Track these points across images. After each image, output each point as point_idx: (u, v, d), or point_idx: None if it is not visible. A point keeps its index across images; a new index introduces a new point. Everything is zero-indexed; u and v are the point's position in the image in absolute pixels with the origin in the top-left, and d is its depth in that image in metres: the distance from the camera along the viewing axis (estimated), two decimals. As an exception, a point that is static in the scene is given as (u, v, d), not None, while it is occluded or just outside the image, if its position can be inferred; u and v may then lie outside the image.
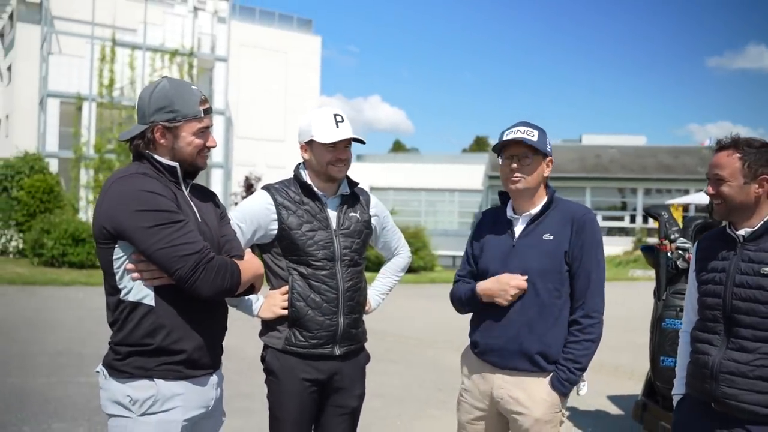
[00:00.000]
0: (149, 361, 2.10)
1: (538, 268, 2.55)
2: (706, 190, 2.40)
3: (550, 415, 2.55)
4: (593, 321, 2.54)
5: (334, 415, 2.77)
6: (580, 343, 2.53)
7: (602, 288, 2.59)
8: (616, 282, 21.01)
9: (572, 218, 2.59)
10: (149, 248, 2.03)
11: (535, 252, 2.58)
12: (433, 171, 35.30)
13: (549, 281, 2.55)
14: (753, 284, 2.25)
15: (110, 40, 27.09)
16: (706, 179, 2.41)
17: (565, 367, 2.53)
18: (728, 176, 2.29)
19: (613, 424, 5.67)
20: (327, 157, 2.67)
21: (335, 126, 2.67)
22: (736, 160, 2.29)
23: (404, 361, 7.93)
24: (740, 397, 2.23)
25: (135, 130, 2.21)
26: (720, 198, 2.33)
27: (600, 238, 2.60)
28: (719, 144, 2.38)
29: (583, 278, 2.55)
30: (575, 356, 2.52)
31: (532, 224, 2.62)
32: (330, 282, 2.67)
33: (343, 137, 2.66)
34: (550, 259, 2.55)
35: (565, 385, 2.53)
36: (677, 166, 31.95)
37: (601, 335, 2.58)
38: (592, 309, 2.55)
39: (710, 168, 2.37)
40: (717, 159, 2.34)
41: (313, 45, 35.36)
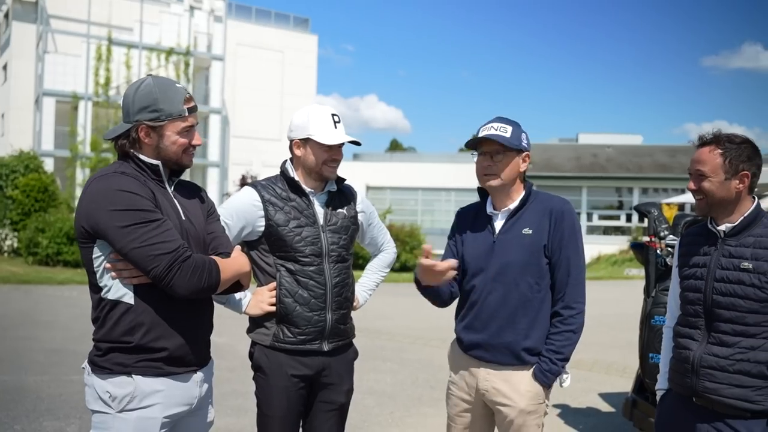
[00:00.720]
0: (129, 358, 2.11)
1: (518, 262, 2.57)
2: (687, 186, 2.41)
3: (534, 406, 2.58)
4: (574, 312, 2.56)
5: (323, 411, 2.78)
6: (562, 334, 2.55)
7: (582, 278, 2.60)
8: (612, 281, 21.06)
9: (550, 211, 2.60)
10: (125, 247, 2.03)
11: (515, 246, 2.59)
12: (430, 170, 35.30)
13: (529, 275, 2.57)
14: (733, 279, 2.27)
15: (106, 38, 27.08)
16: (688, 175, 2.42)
17: (547, 359, 2.55)
18: (709, 172, 2.31)
19: (604, 421, 5.69)
20: (323, 156, 2.68)
21: (333, 127, 2.68)
22: (717, 156, 2.30)
23: (397, 359, 7.94)
24: (720, 391, 2.25)
25: (119, 129, 2.21)
26: (701, 193, 2.35)
27: (579, 229, 2.62)
28: (701, 140, 2.39)
29: (563, 270, 2.57)
30: (557, 347, 2.54)
31: (512, 219, 2.64)
32: (318, 278, 2.68)
33: (343, 140, 2.67)
34: (529, 253, 2.57)
35: (548, 376, 2.56)
36: (674, 165, 31.97)
37: (583, 325, 2.59)
38: (573, 300, 2.57)
39: (692, 164, 2.38)
40: (698, 155, 2.36)
41: (310, 44, 35.35)
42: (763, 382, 2.21)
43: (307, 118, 2.69)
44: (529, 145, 2.67)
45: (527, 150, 2.66)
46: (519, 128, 2.65)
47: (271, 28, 34.03)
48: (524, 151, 2.64)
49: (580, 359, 7.96)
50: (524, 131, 2.67)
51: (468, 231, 2.75)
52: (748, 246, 2.28)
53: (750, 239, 2.29)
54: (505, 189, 2.65)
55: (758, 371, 2.21)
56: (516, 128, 2.63)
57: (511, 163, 2.61)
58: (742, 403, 2.23)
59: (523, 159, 2.65)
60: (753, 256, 2.25)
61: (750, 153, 2.31)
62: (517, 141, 2.61)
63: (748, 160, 2.30)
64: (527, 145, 2.66)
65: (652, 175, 32.03)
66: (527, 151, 2.66)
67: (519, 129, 2.65)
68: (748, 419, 2.24)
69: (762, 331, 2.23)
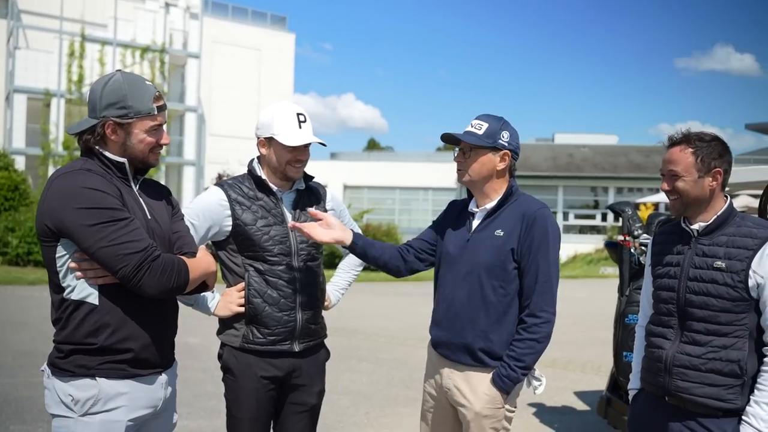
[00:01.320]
0: (92, 360, 2.05)
1: (484, 263, 2.53)
2: (661, 186, 2.38)
3: (490, 410, 2.53)
4: (538, 321, 2.49)
5: (294, 412, 2.74)
6: (524, 342, 2.49)
7: (551, 287, 2.51)
8: (587, 279, 21.24)
9: (523, 214, 2.54)
10: (92, 246, 1.97)
11: (485, 247, 2.55)
12: (408, 169, 35.33)
13: (494, 278, 2.52)
14: (706, 278, 2.26)
15: (79, 35, 26.69)
16: (662, 176, 2.39)
17: (507, 365, 2.50)
18: (682, 171, 2.29)
19: (578, 419, 5.71)
20: (286, 156, 2.63)
21: (298, 126, 2.62)
22: (689, 155, 2.29)
23: (373, 359, 7.91)
24: (693, 390, 2.25)
25: (85, 124, 2.14)
26: (676, 194, 2.33)
27: (553, 234, 2.53)
28: (671, 140, 2.36)
29: (530, 276, 2.50)
30: (517, 354, 2.48)
31: (488, 219, 2.60)
32: (287, 277, 2.64)
33: (306, 141, 2.62)
34: (496, 255, 2.52)
35: (505, 382, 2.50)
36: (648, 165, 32.33)
37: (549, 335, 2.52)
38: (539, 308, 2.49)
39: (664, 164, 2.36)
40: (670, 155, 2.34)
41: (287, 42, 35.17)
42: (734, 381, 2.21)
43: (272, 116, 2.63)
44: (510, 144, 2.58)
45: (506, 148, 2.57)
46: (499, 125, 2.57)
47: (248, 26, 33.79)
48: (501, 149, 2.57)
49: (556, 358, 7.99)
50: (507, 129, 2.59)
51: (450, 225, 2.73)
52: (721, 245, 2.27)
53: (723, 238, 2.28)
54: (477, 186, 2.62)
55: (730, 370, 2.21)
56: (493, 125, 2.57)
57: (480, 161, 2.57)
58: (714, 402, 2.22)
59: (501, 157, 2.58)
60: (726, 255, 2.25)
61: (720, 150, 2.31)
62: (490, 138, 2.55)
63: (720, 157, 2.30)
64: (507, 143, 2.57)
65: (627, 174, 32.36)
66: (506, 150, 2.58)
67: (498, 126, 2.57)
68: (720, 418, 2.23)
69: (734, 330, 2.23)
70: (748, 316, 2.22)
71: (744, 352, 2.21)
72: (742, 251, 2.22)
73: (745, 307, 2.22)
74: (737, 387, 2.21)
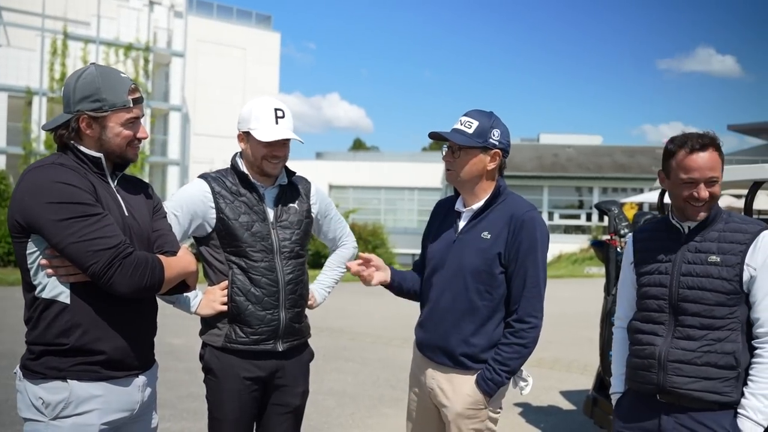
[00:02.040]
0: (63, 361, 1.98)
1: (470, 266, 2.48)
2: (699, 194, 2.22)
3: (471, 411, 2.49)
4: (526, 326, 2.45)
5: (277, 414, 2.69)
6: (511, 347, 2.45)
7: (539, 291, 2.47)
8: (572, 279, 21.33)
9: (511, 217, 2.47)
10: (62, 242, 1.91)
11: (471, 250, 2.50)
12: (393, 169, 35.36)
13: (479, 282, 2.47)
14: (701, 272, 2.24)
15: (62, 33, 26.41)
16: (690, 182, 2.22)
17: (491, 368, 2.46)
18: (719, 176, 2.24)
19: (565, 419, 5.70)
20: (262, 152, 2.58)
21: (275, 122, 2.57)
22: (718, 159, 2.24)
23: (359, 359, 7.87)
24: (689, 385, 2.22)
25: (59, 119, 2.08)
26: (712, 199, 2.25)
27: (541, 238, 2.47)
28: (700, 143, 2.22)
29: (518, 281, 2.45)
30: (503, 358, 2.44)
31: (475, 220, 2.54)
32: (270, 275, 2.58)
33: (281, 137, 2.55)
34: (482, 258, 2.46)
35: (489, 385, 2.46)
36: (632, 165, 32.57)
37: (536, 340, 2.48)
38: (527, 314, 2.45)
39: (701, 170, 2.21)
40: (708, 160, 2.21)
41: (272, 41, 35.07)
42: (731, 373, 2.20)
43: (250, 111, 2.59)
44: (501, 142, 2.50)
45: (497, 147, 2.50)
46: (489, 123, 2.50)
47: (233, 25, 33.64)
48: (492, 149, 2.51)
49: (542, 357, 7.99)
50: (498, 127, 2.51)
51: (437, 225, 2.68)
52: (713, 240, 2.27)
53: (713, 234, 2.28)
54: (466, 186, 2.55)
55: (726, 362, 2.20)
56: (484, 123, 2.49)
57: (470, 161, 2.50)
58: (711, 395, 2.20)
59: (491, 157, 2.51)
60: (719, 250, 2.24)
61: None
62: (481, 138, 2.48)
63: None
64: (498, 142, 2.49)
65: (612, 174, 32.57)
66: (497, 149, 2.50)
67: (488, 124, 2.49)
68: (716, 411, 2.21)
69: (728, 323, 2.22)
70: (740, 308, 2.23)
71: (738, 344, 2.21)
72: (735, 246, 2.23)
73: (737, 300, 2.22)
74: (732, 379, 2.20)
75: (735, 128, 39.85)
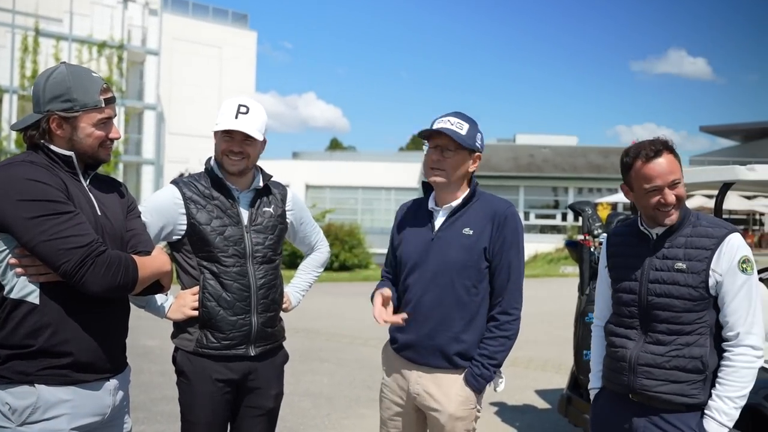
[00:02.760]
0: (31, 365, 1.94)
1: (456, 262, 2.49)
2: (666, 199, 2.23)
3: (464, 411, 2.50)
4: (510, 318, 2.49)
5: (250, 416, 2.67)
6: (496, 339, 2.48)
7: (521, 284, 2.53)
8: (548, 278, 21.49)
9: (494, 213, 2.51)
10: (32, 240, 1.87)
11: (455, 246, 2.51)
12: (370, 169, 35.31)
13: (466, 277, 2.49)
14: (668, 280, 2.26)
15: (33, 29, 25.96)
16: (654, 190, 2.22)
17: (479, 363, 2.48)
18: (681, 178, 2.27)
19: (539, 417, 5.74)
20: (221, 146, 2.57)
21: (234, 116, 2.54)
22: (674, 160, 2.26)
23: (335, 360, 7.85)
24: (657, 387, 2.26)
25: (29, 119, 2.04)
26: (680, 201, 2.26)
27: (521, 233, 2.54)
28: (654, 150, 2.23)
29: (503, 274, 2.49)
30: (490, 352, 2.47)
31: (453, 217, 2.55)
32: (242, 280, 2.56)
33: (233, 128, 2.52)
34: (469, 254, 2.49)
35: (479, 381, 2.49)
36: (607, 165, 32.87)
37: (518, 332, 2.53)
38: (510, 306, 2.50)
39: (663, 176, 2.23)
40: (666, 165, 2.23)
41: (249, 40, 34.85)
42: (697, 376, 2.24)
43: (220, 109, 2.59)
44: (482, 147, 2.58)
45: (480, 151, 2.56)
46: (476, 128, 2.56)
47: (209, 23, 33.37)
48: (476, 152, 2.55)
49: (517, 356, 8.03)
50: (480, 132, 2.58)
51: (407, 226, 2.67)
52: (680, 246, 2.28)
53: (681, 239, 2.29)
54: (450, 187, 2.56)
55: (693, 366, 2.23)
56: (473, 127, 2.54)
57: (460, 162, 2.52)
58: (679, 398, 2.24)
59: (473, 160, 2.56)
60: (686, 257, 2.26)
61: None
62: (471, 141, 2.52)
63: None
64: (480, 146, 2.56)
65: (587, 175, 32.87)
66: (479, 152, 2.56)
67: (475, 128, 2.55)
68: (683, 413, 2.25)
69: (696, 328, 2.25)
70: (708, 313, 2.26)
71: (706, 348, 2.24)
72: (701, 251, 2.24)
73: (705, 305, 2.25)
74: (700, 382, 2.24)
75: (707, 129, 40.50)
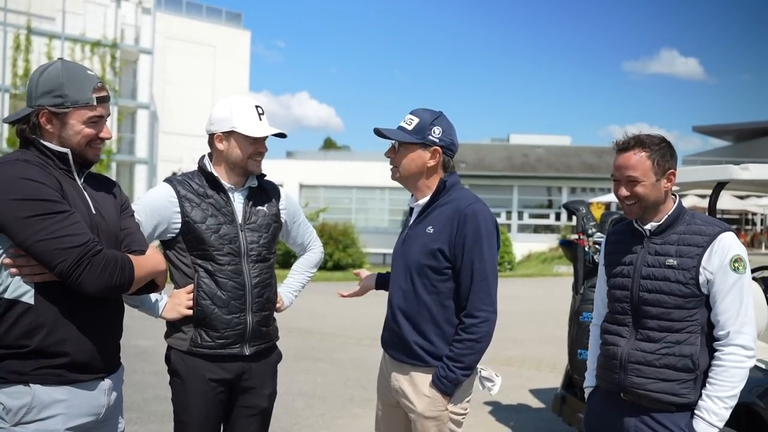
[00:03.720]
0: (25, 365, 1.92)
1: (415, 261, 2.49)
2: (618, 192, 2.33)
3: (432, 411, 2.47)
4: (476, 320, 2.41)
5: (244, 416, 2.66)
6: (462, 342, 2.42)
7: (487, 284, 2.43)
8: (541, 278, 21.53)
9: (455, 211, 2.45)
10: (27, 240, 1.85)
11: (416, 245, 2.51)
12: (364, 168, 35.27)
13: (424, 276, 2.47)
14: (659, 276, 2.28)
15: (25, 27, 25.83)
16: (615, 180, 2.33)
17: (445, 365, 2.43)
18: (641, 176, 2.27)
19: (534, 417, 5.75)
20: (249, 150, 2.56)
21: (258, 118, 2.57)
22: (645, 159, 2.27)
23: (329, 359, 7.84)
24: (647, 386, 2.27)
25: (21, 112, 2.03)
26: (635, 198, 2.30)
27: (487, 230, 2.43)
28: (622, 145, 2.32)
29: (465, 276, 2.42)
30: (456, 355, 2.42)
31: (421, 216, 2.56)
32: (236, 278, 2.55)
33: (271, 132, 2.57)
34: (425, 253, 2.46)
35: (444, 383, 2.43)
36: (600, 165, 32.98)
37: (489, 334, 2.45)
38: (475, 308, 2.41)
39: (619, 169, 2.31)
40: (626, 160, 2.29)
41: (242, 39, 34.77)
42: (687, 375, 2.24)
43: (231, 110, 2.56)
44: (442, 140, 2.49)
45: (436, 144, 2.49)
46: (430, 120, 2.49)
47: (203, 22, 33.26)
48: (431, 146, 2.49)
49: (511, 356, 8.05)
50: (440, 125, 2.50)
51: (402, 224, 2.71)
52: (673, 243, 2.30)
53: (674, 236, 2.31)
54: (408, 182, 2.57)
55: (683, 365, 2.24)
56: (424, 120, 2.50)
57: (408, 156, 2.51)
58: (668, 397, 2.24)
59: (431, 153, 2.50)
60: (677, 253, 2.27)
61: (671, 151, 2.33)
62: (419, 134, 2.49)
63: (671, 158, 2.32)
64: (438, 139, 2.49)
65: (580, 174, 32.97)
66: (435, 146, 2.49)
67: (429, 121, 2.49)
68: (673, 413, 2.25)
69: (687, 326, 2.26)
70: (699, 311, 2.26)
71: (696, 347, 2.24)
72: (692, 248, 2.25)
73: (697, 303, 2.25)
74: (690, 381, 2.24)
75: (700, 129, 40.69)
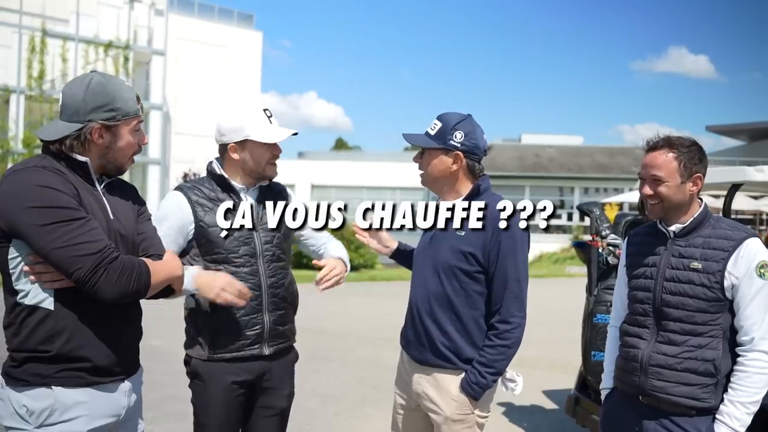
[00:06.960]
0: (47, 368, 1.95)
1: (444, 262, 2.49)
2: (642, 190, 2.33)
3: (460, 415, 2.48)
4: (510, 326, 2.44)
5: (263, 416, 2.68)
6: (495, 348, 2.44)
7: (520, 292, 2.46)
8: (554, 278, 21.45)
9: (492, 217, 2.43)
10: (45, 247, 1.87)
11: (446, 247, 2.50)
12: (375, 169, 35.32)
13: (454, 278, 2.48)
14: (683, 279, 2.27)
15: (40, 30, 26.01)
16: (641, 179, 2.35)
17: (476, 371, 2.45)
18: (666, 176, 2.27)
19: (547, 418, 5.74)
20: (266, 156, 2.58)
21: (269, 122, 2.57)
22: (672, 160, 2.27)
23: (342, 360, 7.85)
24: (668, 389, 2.26)
25: (65, 129, 2.01)
26: (658, 198, 2.30)
27: (522, 238, 2.45)
28: (651, 144, 2.33)
29: (499, 282, 2.44)
30: (488, 360, 2.44)
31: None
32: (252, 279, 2.57)
33: (287, 134, 2.57)
34: (456, 257, 2.46)
35: (474, 388, 2.45)
36: (612, 165, 32.83)
37: (520, 339, 2.49)
38: (509, 314, 2.44)
39: (645, 168, 2.32)
40: (652, 159, 2.30)
41: (254, 40, 34.85)
42: (709, 380, 2.23)
43: (241, 118, 2.56)
44: (464, 144, 2.49)
45: (457, 149, 2.49)
46: (452, 124, 2.50)
47: (215, 24, 33.37)
48: (452, 150, 2.49)
49: (524, 356, 8.00)
50: (462, 129, 2.49)
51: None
52: (698, 246, 2.28)
53: (699, 240, 2.30)
54: (435, 186, 2.59)
55: (705, 369, 2.23)
56: (446, 125, 2.50)
57: (432, 162, 2.54)
58: (689, 401, 2.24)
59: (453, 159, 2.50)
60: (702, 257, 2.26)
61: (700, 155, 2.32)
62: (440, 139, 2.50)
63: (699, 162, 2.31)
64: (460, 144, 2.49)
65: (593, 175, 32.81)
66: (456, 151, 2.49)
67: (450, 126, 2.49)
68: (693, 417, 2.25)
69: (709, 330, 2.25)
70: (723, 316, 2.25)
71: (718, 352, 2.23)
72: (718, 252, 2.24)
73: (720, 307, 2.24)
74: (711, 386, 2.23)
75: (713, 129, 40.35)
